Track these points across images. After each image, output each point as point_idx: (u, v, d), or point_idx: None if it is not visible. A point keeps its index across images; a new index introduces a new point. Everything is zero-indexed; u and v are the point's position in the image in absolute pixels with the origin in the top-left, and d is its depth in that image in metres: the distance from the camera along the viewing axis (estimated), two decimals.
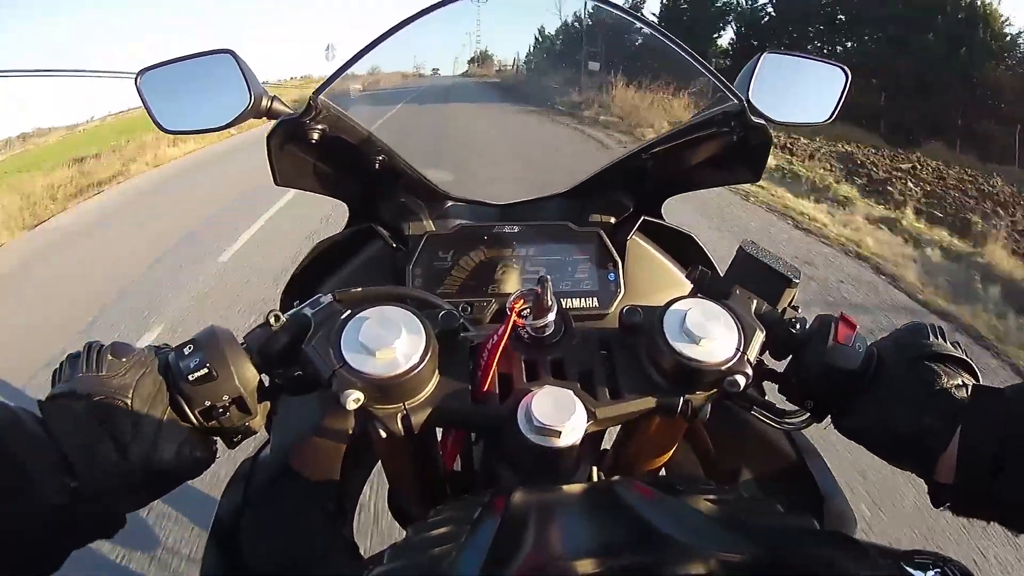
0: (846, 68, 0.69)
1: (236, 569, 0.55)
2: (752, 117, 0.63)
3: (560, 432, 0.43)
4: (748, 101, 0.63)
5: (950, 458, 0.47)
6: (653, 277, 0.72)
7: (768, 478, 0.62)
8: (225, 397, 0.46)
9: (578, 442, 0.45)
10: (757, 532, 0.33)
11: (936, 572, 0.36)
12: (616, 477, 0.45)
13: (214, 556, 0.55)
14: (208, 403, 0.46)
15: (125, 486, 0.43)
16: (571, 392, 0.45)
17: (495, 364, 0.47)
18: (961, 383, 0.49)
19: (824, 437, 0.61)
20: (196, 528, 1.78)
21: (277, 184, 0.65)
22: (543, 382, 0.47)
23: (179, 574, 1.66)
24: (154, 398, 0.45)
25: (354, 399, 0.43)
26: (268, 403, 0.49)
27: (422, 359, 0.45)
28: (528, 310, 0.49)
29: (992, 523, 0.48)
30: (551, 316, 0.49)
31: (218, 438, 0.49)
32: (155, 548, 1.74)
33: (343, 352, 0.44)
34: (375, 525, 1.53)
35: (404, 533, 0.39)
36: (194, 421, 0.46)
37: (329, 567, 0.56)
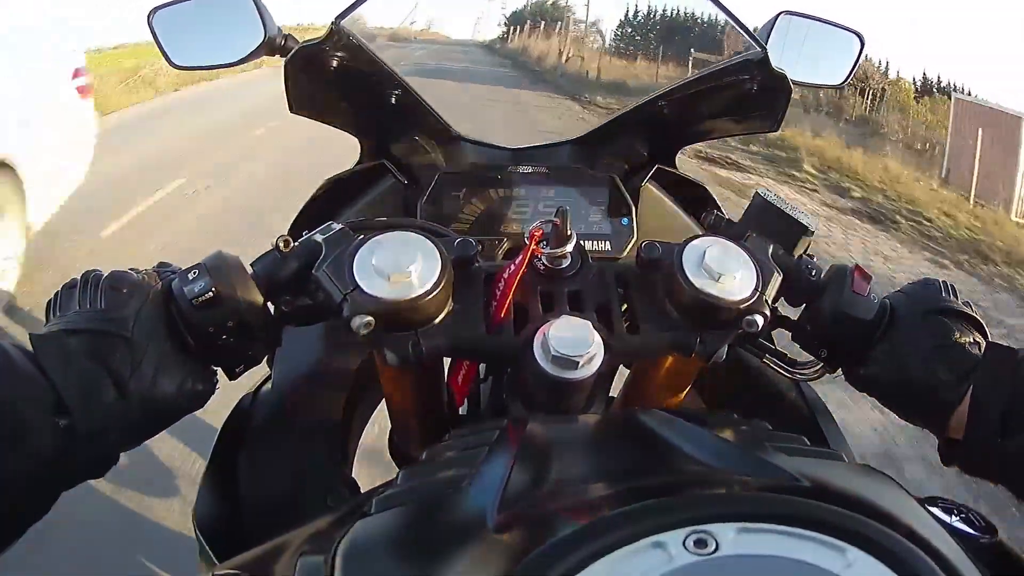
0: (862, 34, 0.69)
1: (232, 505, 0.53)
2: (773, 66, 0.62)
3: (578, 362, 0.42)
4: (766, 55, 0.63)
5: (961, 415, 0.47)
6: (666, 224, 0.72)
7: (777, 428, 0.61)
8: (229, 323, 0.44)
9: (594, 375, 0.43)
10: (787, 460, 0.32)
11: (960, 518, 0.35)
12: (636, 407, 0.44)
13: (209, 491, 0.53)
14: (211, 330, 0.44)
15: (122, 424, 0.41)
16: (588, 323, 0.44)
17: (512, 292, 0.46)
18: (973, 340, 0.48)
19: None
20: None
21: (292, 111, 0.64)
22: (559, 313, 0.46)
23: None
24: (155, 328, 0.43)
25: (365, 323, 0.42)
26: (273, 333, 0.48)
27: (437, 284, 0.43)
28: (546, 241, 0.48)
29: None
30: (570, 246, 0.48)
31: (219, 369, 0.47)
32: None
33: (356, 276, 0.43)
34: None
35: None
36: (195, 350, 0.44)
37: (328, 507, 0.54)
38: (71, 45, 3.12)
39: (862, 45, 0.69)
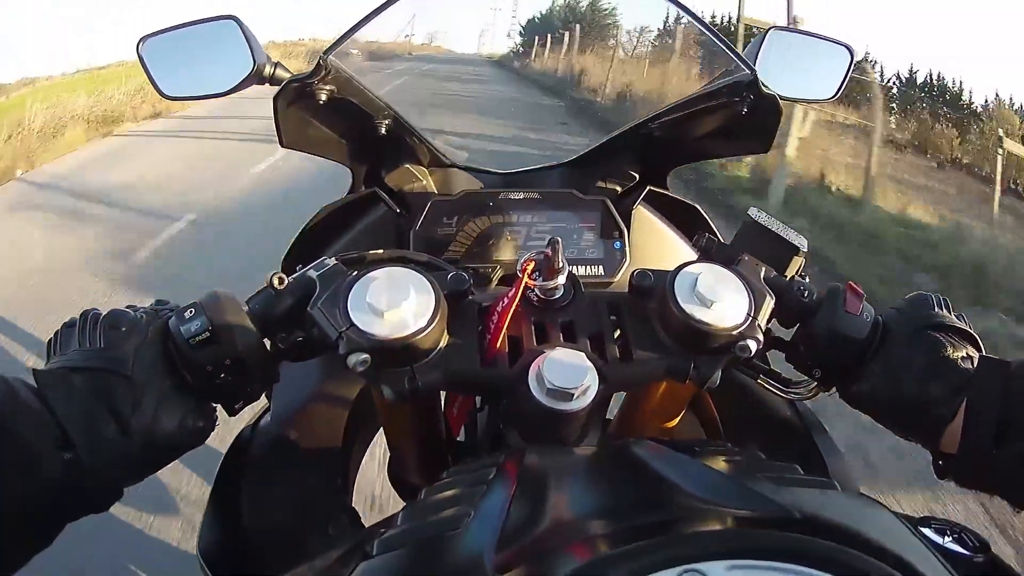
0: (851, 46, 0.69)
1: (234, 537, 0.54)
2: (764, 87, 0.62)
3: (572, 394, 0.42)
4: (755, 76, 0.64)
5: (955, 429, 0.47)
6: (659, 247, 0.72)
7: (773, 451, 0.62)
8: (227, 361, 0.45)
9: (589, 405, 0.44)
10: (779, 491, 0.32)
11: (953, 538, 0.36)
12: (631, 439, 0.45)
13: (212, 521, 0.54)
14: (210, 368, 0.44)
15: (125, 460, 0.42)
16: (583, 354, 0.45)
17: (505, 325, 0.46)
18: (966, 355, 0.49)
19: None
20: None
21: (283, 146, 0.64)
22: (553, 344, 0.46)
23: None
24: (153, 367, 0.43)
25: (361, 361, 0.42)
26: (270, 368, 0.48)
27: (431, 320, 0.44)
28: (538, 272, 0.48)
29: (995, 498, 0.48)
30: (561, 278, 0.48)
31: (218, 405, 0.48)
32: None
33: (350, 313, 0.43)
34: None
35: (402, 504, 0.38)
36: (194, 387, 0.45)
37: (330, 537, 0.55)
38: None
39: (851, 58, 0.69)
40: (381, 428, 0.59)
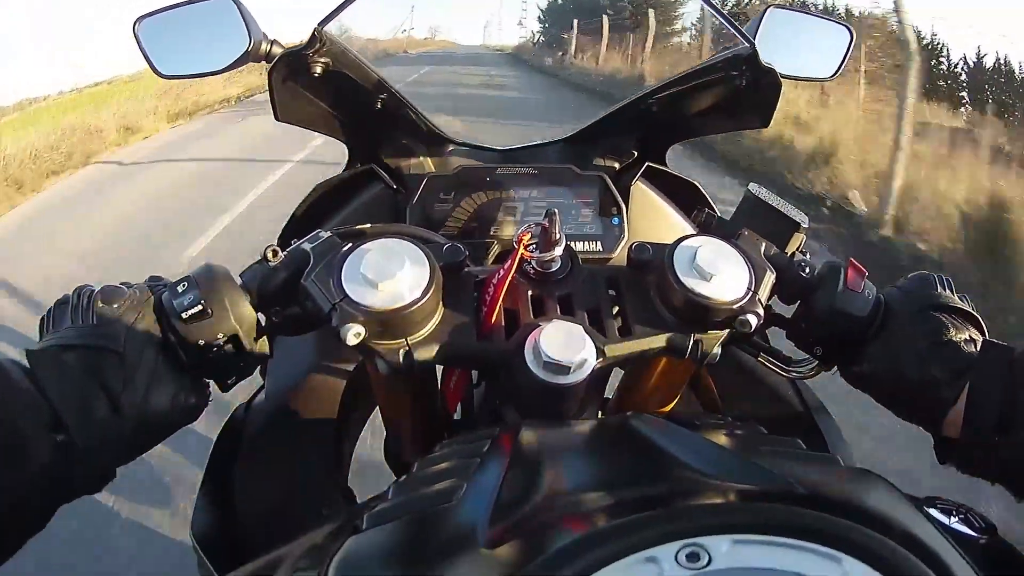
0: (851, 27, 0.69)
1: (228, 519, 0.53)
2: (763, 61, 0.62)
3: (569, 367, 0.42)
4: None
5: (957, 413, 0.46)
6: (657, 222, 0.71)
7: (775, 427, 0.61)
8: (220, 336, 0.44)
9: (586, 379, 0.43)
10: (780, 465, 0.31)
11: (959, 518, 0.35)
12: (628, 413, 0.44)
13: (207, 503, 0.53)
14: (202, 343, 0.44)
15: (117, 439, 0.41)
16: (580, 327, 0.44)
17: (501, 297, 0.46)
18: (969, 337, 0.48)
19: None
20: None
21: (277, 119, 0.64)
22: (551, 317, 0.46)
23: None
24: (146, 343, 0.43)
25: (355, 333, 0.42)
26: (264, 343, 0.48)
27: (426, 292, 0.43)
28: (535, 244, 0.48)
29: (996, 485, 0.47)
30: (559, 250, 0.48)
31: (211, 381, 0.47)
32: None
33: (344, 285, 0.43)
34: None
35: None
36: (187, 363, 0.45)
37: (324, 516, 0.54)
38: None
39: (851, 38, 0.69)
40: (377, 407, 0.59)
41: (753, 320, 0.45)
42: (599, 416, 0.52)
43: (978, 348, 0.47)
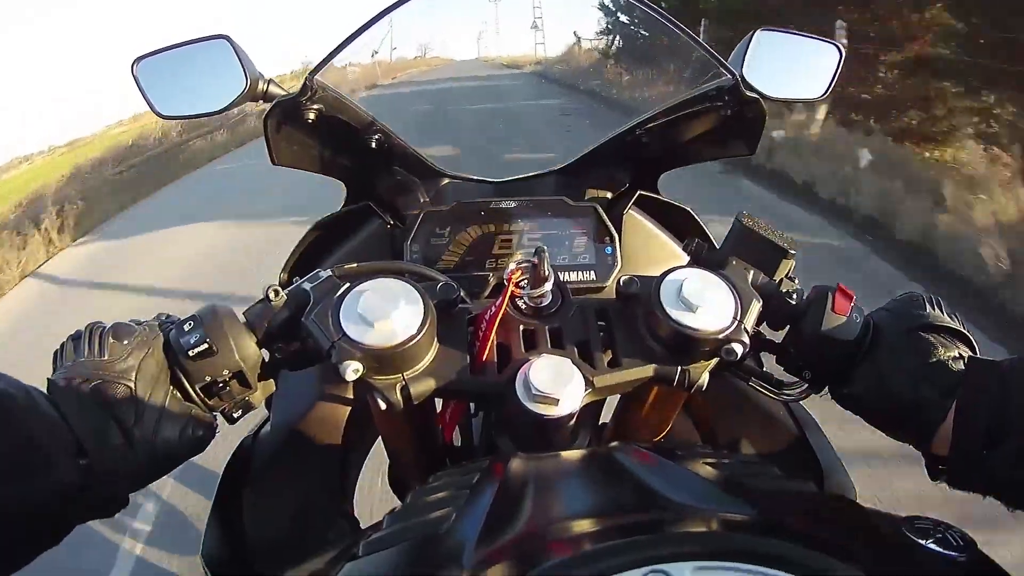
0: (840, 45, 0.69)
1: (237, 543, 0.55)
2: (745, 91, 0.63)
3: (558, 400, 0.43)
4: (742, 77, 0.64)
5: (946, 430, 0.47)
6: (650, 250, 0.72)
7: (767, 450, 0.62)
8: (226, 372, 0.46)
9: (576, 411, 0.45)
10: (757, 494, 0.33)
11: (936, 539, 0.36)
12: (615, 443, 0.45)
13: (215, 531, 0.55)
14: (209, 379, 0.46)
15: (129, 468, 0.44)
16: (569, 360, 0.46)
17: (493, 334, 0.47)
18: (958, 355, 0.48)
19: None
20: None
21: (274, 164, 0.66)
22: (541, 351, 0.47)
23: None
24: (156, 379, 0.45)
25: (353, 370, 0.44)
26: (268, 378, 0.50)
27: (420, 329, 0.45)
28: (525, 280, 0.49)
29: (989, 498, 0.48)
30: (548, 286, 0.49)
31: (219, 414, 0.49)
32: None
33: (342, 324, 0.45)
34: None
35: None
36: (195, 398, 0.47)
37: (330, 541, 0.56)
38: None
39: (840, 56, 0.69)
40: (379, 435, 0.61)
41: (739, 349, 0.46)
42: (594, 443, 0.53)
43: (965, 365, 0.48)
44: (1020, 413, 0.44)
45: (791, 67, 0.67)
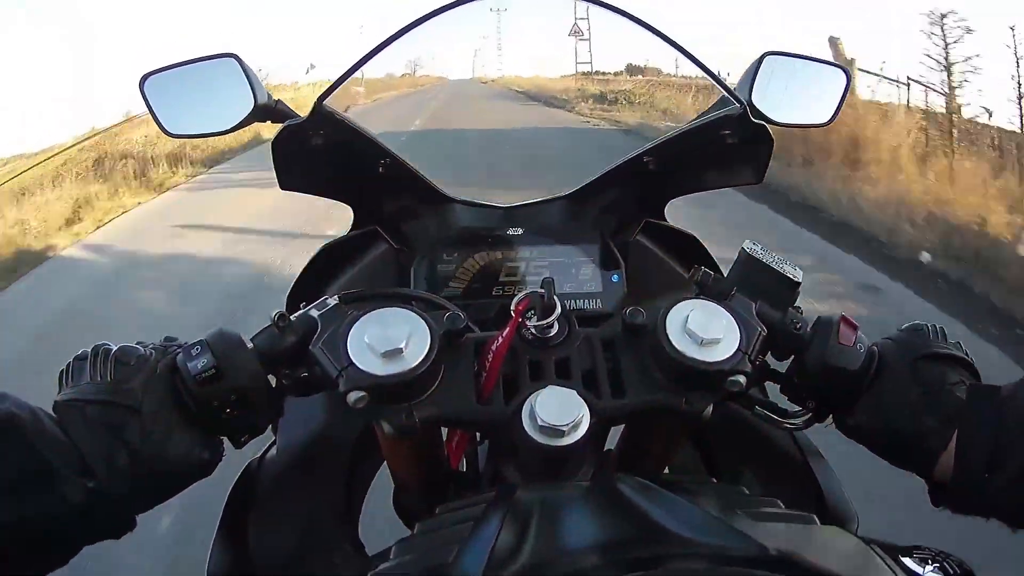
0: (847, 69, 0.69)
1: (242, 567, 0.56)
2: (753, 119, 0.63)
3: (564, 431, 0.44)
4: (750, 102, 0.64)
5: (948, 458, 0.47)
6: (656, 278, 0.72)
7: (771, 476, 0.63)
8: (232, 397, 0.47)
9: (581, 440, 0.45)
10: (757, 527, 0.34)
11: (935, 567, 0.36)
12: (619, 475, 0.46)
13: (220, 554, 0.56)
14: (216, 403, 0.46)
15: (136, 490, 0.44)
16: (574, 391, 0.46)
17: (500, 365, 0.47)
18: (960, 382, 0.49)
19: None
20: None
21: (282, 188, 0.66)
22: (547, 382, 0.47)
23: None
24: (162, 401, 0.46)
25: (360, 398, 0.44)
26: (275, 403, 0.50)
27: (427, 359, 0.45)
28: (532, 311, 0.49)
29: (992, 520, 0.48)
30: (554, 317, 0.49)
31: (225, 438, 0.49)
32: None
33: (349, 353, 0.45)
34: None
35: (408, 532, 0.40)
36: (201, 422, 0.47)
37: (335, 565, 0.56)
38: None
39: (848, 80, 0.69)
40: (385, 461, 0.61)
41: (742, 380, 0.47)
42: (595, 473, 0.54)
43: (966, 392, 0.48)
44: (1019, 436, 0.45)
45: (799, 92, 0.67)
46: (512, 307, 0.49)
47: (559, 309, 0.49)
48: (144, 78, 0.63)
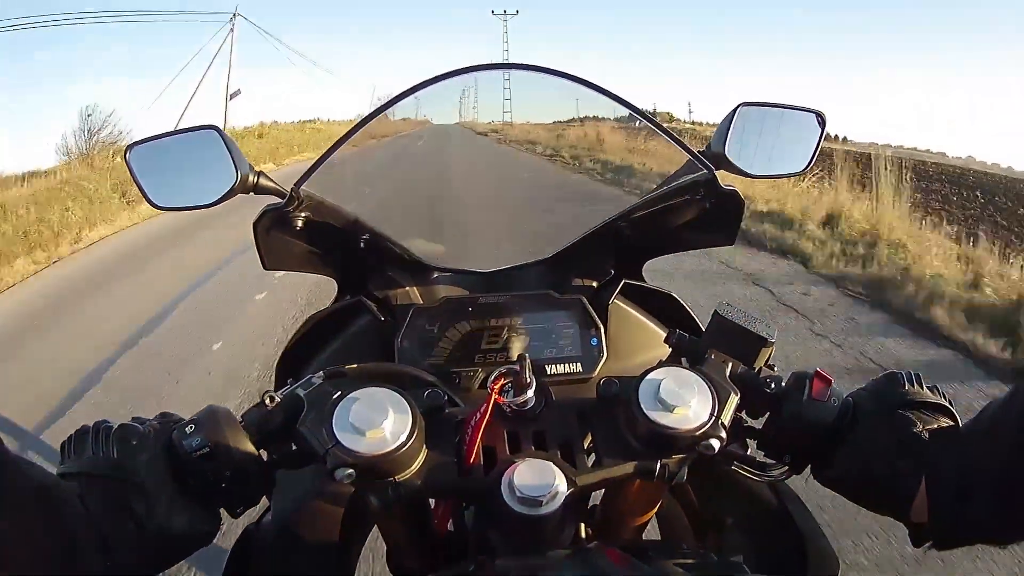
0: (822, 113, 0.69)
1: None
2: (722, 185, 0.64)
3: (542, 501, 0.46)
4: (724, 156, 0.65)
5: (922, 499, 0.49)
6: (635, 339, 0.74)
7: (752, 526, 0.64)
8: (227, 472, 0.49)
9: (559, 509, 0.47)
10: None
11: None
12: (594, 544, 0.48)
13: None
14: (212, 477, 0.49)
15: (145, 559, 0.47)
16: (551, 463, 0.48)
17: (479, 439, 0.49)
18: (934, 426, 0.50)
19: None
20: None
21: (265, 268, 0.67)
22: (525, 454, 0.49)
23: None
24: (162, 478, 0.48)
25: (347, 475, 0.47)
26: (267, 476, 0.52)
27: (409, 437, 0.47)
28: (509, 385, 0.51)
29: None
30: (530, 392, 0.51)
31: (222, 509, 0.52)
32: None
33: (335, 432, 0.47)
34: None
35: None
36: (200, 495, 0.50)
37: None
38: None
39: (823, 124, 0.69)
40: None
41: (715, 444, 0.48)
42: (584, 529, 0.56)
43: (933, 435, 0.50)
44: (984, 464, 0.46)
45: (774, 140, 0.68)
46: (488, 384, 0.51)
47: (535, 384, 0.51)
48: (128, 148, 0.64)
